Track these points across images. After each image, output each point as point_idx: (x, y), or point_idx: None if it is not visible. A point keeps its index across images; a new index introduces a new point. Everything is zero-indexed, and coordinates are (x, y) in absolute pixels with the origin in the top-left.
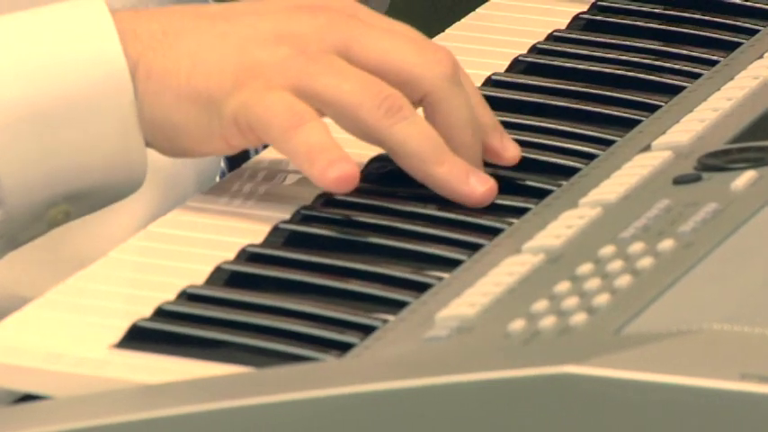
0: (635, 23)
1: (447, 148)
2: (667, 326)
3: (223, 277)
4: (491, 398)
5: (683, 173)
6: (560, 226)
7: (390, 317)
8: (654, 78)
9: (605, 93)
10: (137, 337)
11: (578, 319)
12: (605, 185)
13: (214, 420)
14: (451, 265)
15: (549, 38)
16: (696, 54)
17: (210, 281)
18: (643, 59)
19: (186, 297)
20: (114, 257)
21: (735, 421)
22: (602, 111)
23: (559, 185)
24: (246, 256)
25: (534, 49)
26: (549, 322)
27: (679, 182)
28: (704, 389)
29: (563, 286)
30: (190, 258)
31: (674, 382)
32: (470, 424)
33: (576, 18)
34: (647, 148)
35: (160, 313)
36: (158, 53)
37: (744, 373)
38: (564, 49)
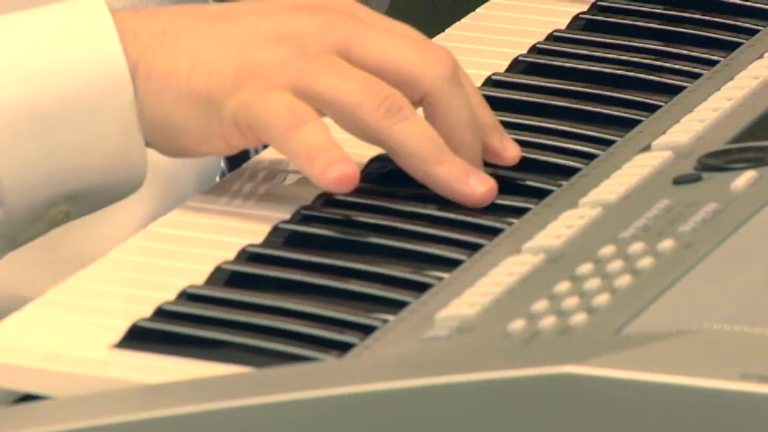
0: (635, 23)
1: (447, 148)
2: (667, 326)
3: (223, 277)
4: (491, 398)
5: (682, 173)
6: (560, 226)
7: (390, 317)
8: (654, 78)
9: (605, 93)
10: (137, 337)
11: (578, 319)
12: (605, 185)
13: (214, 420)
14: (451, 265)
15: (549, 38)
16: (696, 54)
17: (210, 281)
18: (643, 59)
19: (186, 297)
20: (114, 257)
21: (735, 421)
22: (603, 111)
23: (559, 185)
24: (246, 256)
25: (534, 49)
26: (549, 322)
27: (679, 182)
28: (704, 389)
29: (563, 286)
30: (190, 258)
31: (673, 382)
32: (470, 424)
33: (576, 18)
34: (647, 148)
35: (160, 313)
36: (158, 53)
37: (744, 373)
38: (564, 49)
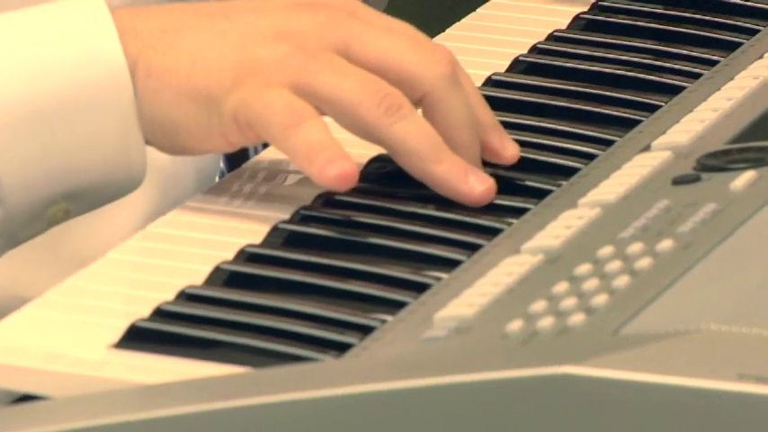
0: (635, 23)
1: (446, 146)
2: (665, 326)
3: (222, 277)
4: (489, 398)
5: (682, 173)
6: (559, 226)
7: (389, 317)
8: (654, 78)
9: (605, 93)
10: (135, 338)
11: (576, 319)
12: (605, 186)
13: (212, 420)
14: (450, 265)
15: (550, 38)
16: (696, 54)
17: (209, 281)
18: (643, 59)
19: (185, 297)
20: (113, 258)
21: (732, 421)
22: (603, 111)
23: (559, 186)
24: (245, 256)
25: (535, 49)
26: (547, 323)
27: (678, 182)
28: (702, 389)
29: (561, 287)
30: (189, 258)
31: (671, 382)
32: (468, 424)
33: (577, 18)
34: (646, 148)
35: (159, 313)
36: (158, 51)
37: (741, 373)
38: (564, 49)
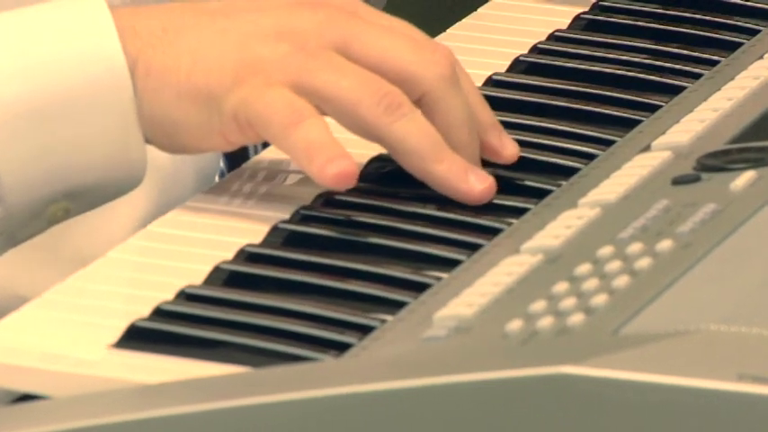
0: (636, 23)
1: (446, 145)
2: (665, 326)
3: (222, 277)
4: (489, 398)
5: (682, 173)
6: (559, 226)
7: (389, 317)
8: (654, 78)
9: (606, 93)
10: (135, 337)
11: (576, 319)
12: (605, 186)
13: (212, 420)
14: (450, 265)
15: (551, 38)
16: (697, 54)
17: (209, 281)
18: (644, 59)
19: (185, 297)
20: (113, 257)
21: (732, 422)
22: (603, 111)
23: (559, 185)
24: (245, 255)
25: (535, 49)
26: (546, 322)
27: (678, 182)
28: (701, 389)
29: (561, 286)
30: (189, 258)
31: (671, 382)
32: (468, 424)
33: (578, 18)
34: (646, 148)
35: (158, 313)
36: (158, 50)
37: (741, 373)
38: (565, 50)
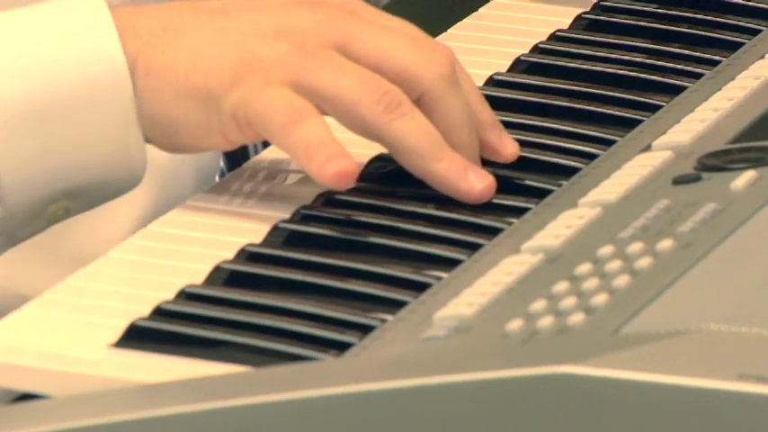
0: (637, 23)
1: (446, 144)
2: (665, 326)
3: (222, 277)
4: (489, 398)
5: (682, 173)
6: (559, 226)
7: (389, 316)
8: (655, 78)
9: (607, 93)
10: (135, 337)
11: (576, 319)
12: (605, 185)
13: (212, 420)
14: (451, 264)
15: (552, 38)
16: (698, 54)
17: (209, 280)
18: (645, 59)
19: (185, 296)
20: (113, 257)
21: (732, 421)
22: (604, 111)
23: (559, 185)
24: (246, 255)
25: (536, 49)
26: (547, 322)
27: (679, 182)
28: (701, 389)
29: (561, 286)
30: (189, 258)
31: (671, 382)
32: (468, 424)
33: (579, 18)
34: (647, 148)
35: (159, 313)
36: (157, 49)
37: (741, 373)
38: (566, 49)
